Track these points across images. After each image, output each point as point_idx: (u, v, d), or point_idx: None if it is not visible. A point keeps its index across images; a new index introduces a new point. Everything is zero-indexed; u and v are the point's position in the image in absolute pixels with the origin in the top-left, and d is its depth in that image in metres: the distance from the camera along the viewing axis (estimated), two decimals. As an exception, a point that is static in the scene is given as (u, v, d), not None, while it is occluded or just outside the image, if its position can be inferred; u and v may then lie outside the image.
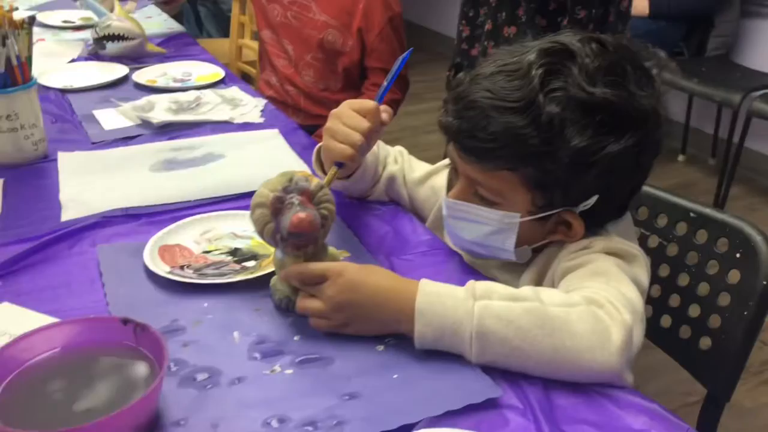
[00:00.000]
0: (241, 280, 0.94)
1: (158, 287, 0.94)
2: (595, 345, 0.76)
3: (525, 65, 0.86)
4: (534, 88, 0.84)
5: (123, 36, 1.80)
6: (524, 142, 0.84)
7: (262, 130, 1.44)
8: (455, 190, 0.95)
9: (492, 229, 0.92)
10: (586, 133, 0.83)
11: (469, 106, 0.87)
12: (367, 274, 0.84)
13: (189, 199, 1.16)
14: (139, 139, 1.41)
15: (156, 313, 0.88)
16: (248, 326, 0.87)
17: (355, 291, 0.82)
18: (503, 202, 0.90)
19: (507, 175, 0.88)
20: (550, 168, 0.85)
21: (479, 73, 0.89)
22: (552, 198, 0.89)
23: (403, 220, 1.11)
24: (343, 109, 1.00)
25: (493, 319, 0.76)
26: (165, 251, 1.01)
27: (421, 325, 0.79)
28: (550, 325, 0.76)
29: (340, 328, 0.84)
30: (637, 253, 0.91)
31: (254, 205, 0.85)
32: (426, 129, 3.64)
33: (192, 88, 1.66)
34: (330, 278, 0.82)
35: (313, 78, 2.03)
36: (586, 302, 0.79)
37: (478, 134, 0.86)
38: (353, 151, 0.97)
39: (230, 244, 1.04)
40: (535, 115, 0.83)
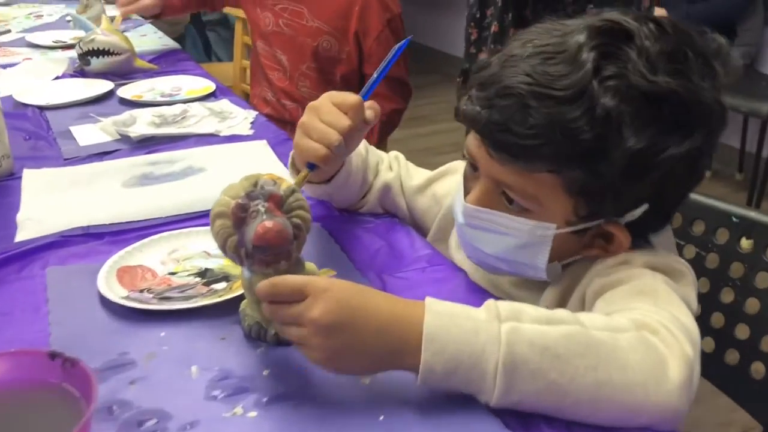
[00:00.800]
0: (207, 305, 0.80)
1: (111, 315, 0.81)
2: (650, 380, 0.60)
3: (573, 46, 0.71)
4: (587, 73, 0.69)
5: (108, 51, 1.69)
6: (574, 139, 0.69)
7: (249, 142, 1.32)
8: (476, 193, 0.79)
9: (520, 242, 0.77)
10: (647, 132, 0.69)
11: (503, 93, 0.72)
12: (359, 291, 0.66)
13: (159, 215, 1.04)
14: (116, 154, 1.29)
15: (103, 345, 0.75)
16: (210, 359, 0.73)
17: (344, 311, 0.63)
18: (537, 210, 0.75)
19: (547, 178, 0.73)
20: (602, 171, 0.70)
21: (513, 54, 0.74)
22: (597, 207, 0.75)
23: (399, 233, 0.97)
24: (321, 103, 0.85)
25: (524, 345, 0.60)
26: (125, 273, 0.88)
27: (430, 355, 0.61)
28: (594, 353, 0.60)
29: (326, 362, 0.65)
30: (684, 269, 0.77)
31: (214, 216, 0.71)
32: (438, 150, 3.52)
33: (179, 101, 1.55)
34: (312, 295, 0.63)
35: (309, 89, 1.89)
36: (636, 327, 0.64)
37: (515, 128, 0.71)
38: (328, 152, 0.82)
39: (200, 265, 0.91)
40: (587, 107, 0.69)
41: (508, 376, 0.60)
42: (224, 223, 0.71)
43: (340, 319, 0.63)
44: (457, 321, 0.62)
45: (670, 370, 0.61)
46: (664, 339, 0.63)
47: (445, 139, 3.66)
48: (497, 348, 0.60)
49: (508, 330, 0.61)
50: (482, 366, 0.61)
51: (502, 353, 0.60)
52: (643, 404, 0.60)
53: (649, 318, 0.65)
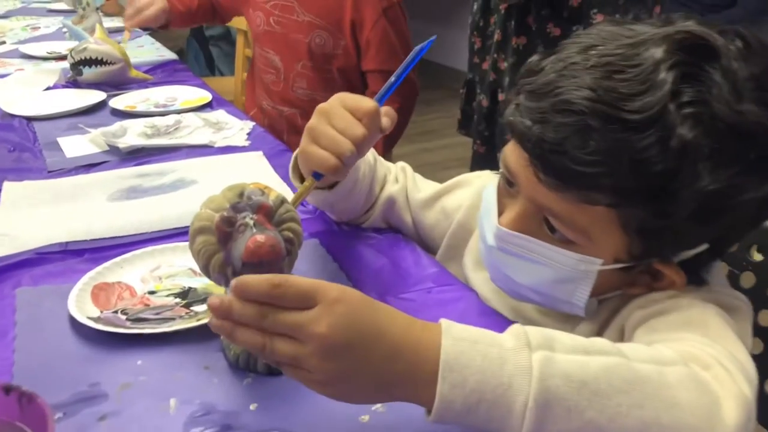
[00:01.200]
0: (186, 329, 0.72)
1: (83, 340, 0.73)
2: (702, 423, 0.51)
3: (648, 62, 0.61)
4: (664, 96, 0.59)
5: (101, 60, 1.62)
6: (641, 172, 0.60)
7: (244, 153, 1.24)
8: (513, 215, 0.70)
9: (560, 275, 0.68)
10: (726, 171, 0.60)
11: (561, 108, 0.62)
12: (371, 305, 0.55)
13: (145, 231, 0.96)
14: (103, 166, 1.22)
15: (72, 375, 0.68)
16: (191, 391, 0.65)
17: (356, 330, 0.52)
18: (584, 244, 0.66)
19: (601, 212, 0.63)
20: (668, 211, 0.61)
21: (573, 61, 0.64)
22: (654, 247, 0.65)
23: (403, 251, 0.89)
24: (333, 106, 0.76)
25: (560, 378, 0.51)
26: (101, 291, 0.80)
27: (449, 387, 0.51)
28: (639, 390, 0.51)
29: (321, 387, 0.54)
30: (741, 304, 0.68)
31: (194, 232, 0.64)
32: (445, 165, 3.45)
33: (173, 112, 1.48)
34: (322, 303, 0.52)
35: (306, 89, 1.76)
36: (684, 360, 0.55)
37: (572, 151, 0.61)
38: (338, 163, 0.74)
39: (184, 283, 0.83)
40: (662, 136, 0.59)
41: (539, 414, 0.50)
42: (207, 239, 0.63)
43: (350, 338, 0.52)
44: (480, 348, 0.52)
45: (724, 412, 0.52)
46: (718, 376, 0.54)
47: (452, 154, 3.59)
48: (527, 381, 0.51)
49: (541, 360, 0.51)
50: (508, 402, 0.51)
51: (533, 388, 0.50)
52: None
53: (699, 351, 0.57)
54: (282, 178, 1.12)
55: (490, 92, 1.54)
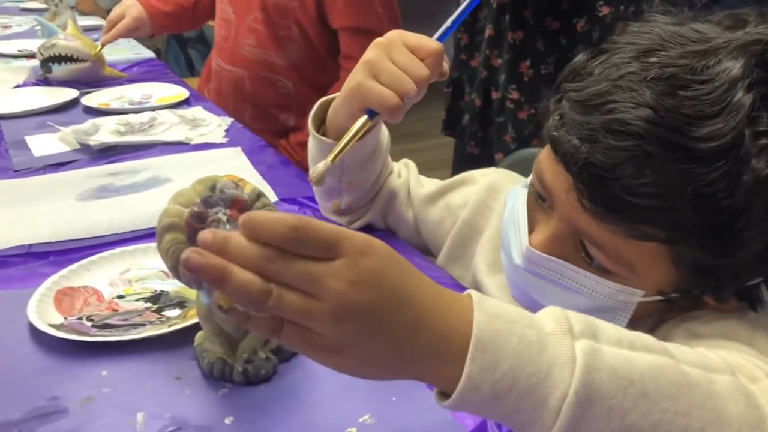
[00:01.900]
0: (156, 336, 0.67)
1: (43, 350, 0.67)
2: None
3: (722, 78, 0.53)
4: (739, 123, 0.51)
5: (71, 57, 1.56)
6: (704, 209, 0.53)
7: (221, 149, 1.18)
8: (545, 236, 0.62)
9: (595, 305, 0.61)
10: None
11: (614, 129, 0.53)
12: (403, 265, 0.45)
13: (115, 231, 0.90)
14: (73, 165, 1.16)
15: (29, 389, 0.62)
16: (160, 403, 0.60)
17: (382, 290, 0.42)
18: (626, 276, 0.59)
19: (651, 247, 0.56)
20: (729, 252, 0.54)
21: (630, 71, 0.55)
22: (707, 285, 0.58)
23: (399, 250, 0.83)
24: (393, 41, 0.68)
25: (605, 373, 0.43)
26: (65, 296, 0.74)
27: (478, 369, 0.42)
28: (687, 396, 0.45)
29: (326, 354, 0.44)
30: None
31: (162, 230, 0.58)
32: (430, 166, 3.39)
33: (148, 109, 1.41)
34: (347, 256, 0.42)
35: (255, 47, 1.54)
36: (731, 369, 0.49)
37: (626, 180, 0.53)
38: (400, 102, 0.67)
39: (155, 287, 0.77)
40: (731, 169, 0.52)
41: (578, 411, 0.43)
42: (176, 237, 0.57)
43: (374, 299, 0.42)
44: (517, 329, 0.44)
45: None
46: (766, 390, 0.49)
47: (437, 155, 3.54)
48: (569, 373, 0.43)
49: (586, 350, 0.44)
50: (543, 393, 0.43)
51: (576, 381, 0.43)
52: None
53: (746, 361, 0.51)
54: (261, 175, 1.07)
55: (482, 91, 1.48)
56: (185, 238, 0.58)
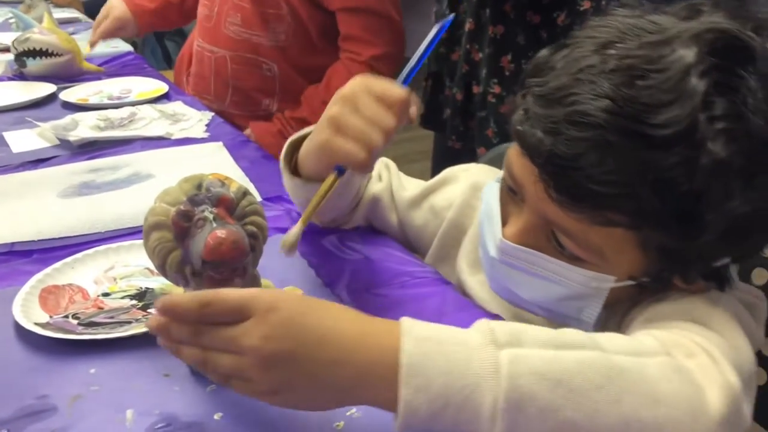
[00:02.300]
0: (148, 334, 0.67)
1: (29, 348, 0.67)
2: (684, 419, 0.48)
3: (677, 67, 0.54)
4: (694, 109, 0.53)
5: (47, 51, 1.54)
6: (665, 194, 0.54)
7: (202, 144, 1.18)
8: (517, 228, 0.64)
9: (568, 293, 0.63)
10: (758, 191, 0.54)
11: (576, 120, 0.55)
12: (314, 308, 0.51)
13: (99, 230, 0.90)
14: (53, 161, 1.15)
15: (18, 387, 0.62)
16: (149, 401, 0.60)
17: (294, 337, 0.49)
18: (597, 263, 0.61)
19: (618, 233, 0.58)
20: (693, 234, 0.56)
21: (589, 63, 0.57)
22: (675, 266, 0.60)
23: (378, 246, 0.85)
24: (358, 92, 0.67)
25: (530, 377, 0.47)
26: (50, 294, 0.75)
27: (413, 392, 0.47)
28: (617, 384, 0.48)
29: (269, 397, 0.51)
30: (758, 301, 0.65)
31: (149, 228, 0.59)
32: (409, 158, 3.40)
33: (128, 104, 1.41)
34: (255, 315, 0.49)
35: (240, 26, 1.47)
36: (667, 349, 0.51)
37: (588, 169, 0.55)
38: (367, 157, 0.65)
39: (140, 284, 0.77)
40: (689, 154, 0.53)
41: (511, 416, 0.47)
42: (163, 236, 0.58)
43: (287, 347, 0.49)
44: (444, 348, 0.48)
45: (708, 402, 0.49)
46: (702, 364, 0.51)
47: (416, 147, 3.54)
48: (496, 382, 0.47)
49: (510, 358, 0.47)
50: (476, 404, 0.47)
51: (503, 388, 0.47)
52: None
53: (684, 338, 0.53)
54: (244, 171, 1.07)
55: (463, 85, 1.48)
56: (172, 236, 0.58)
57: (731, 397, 0.50)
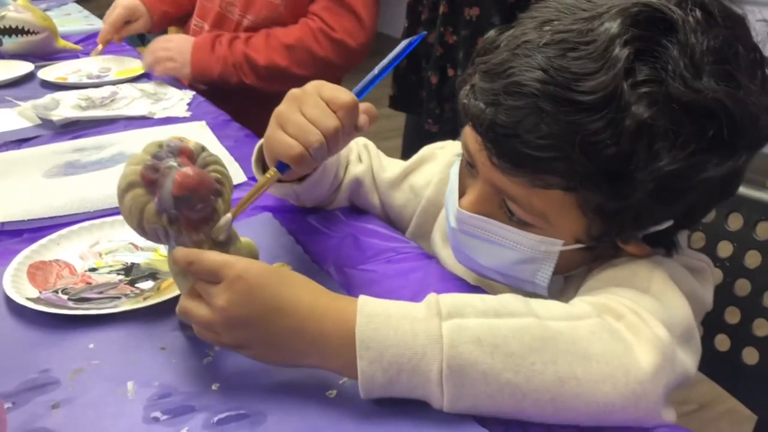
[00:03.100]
0: (142, 309, 0.69)
1: (28, 324, 0.69)
2: (616, 372, 0.53)
3: (602, 38, 0.59)
4: (617, 75, 0.57)
5: (22, 29, 1.54)
6: (595, 155, 0.58)
7: (186, 123, 1.20)
8: (472, 197, 0.69)
9: (521, 257, 0.67)
10: (684, 150, 0.58)
11: (512, 91, 0.60)
12: (280, 278, 0.59)
13: (87, 209, 0.92)
14: (36, 141, 1.16)
15: (20, 362, 0.64)
16: (148, 373, 0.63)
17: (255, 305, 0.57)
18: (543, 226, 0.65)
19: (557, 195, 0.62)
20: (625, 193, 0.60)
21: (527, 39, 0.61)
22: (614, 227, 0.64)
23: (363, 223, 0.87)
24: (307, 93, 0.68)
25: (470, 344, 0.53)
26: (37, 270, 0.77)
27: (367, 363, 0.54)
28: (552, 346, 0.53)
29: (235, 349, 0.60)
30: (703, 265, 0.70)
31: (122, 191, 0.61)
32: (383, 136, 3.40)
33: (108, 83, 1.41)
34: (225, 280, 0.57)
35: (237, 6, 1.51)
36: (598, 312, 0.57)
37: (524, 135, 0.59)
38: (304, 152, 0.66)
39: (126, 259, 0.80)
40: (614, 117, 0.57)
41: (455, 380, 0.53)
42: (136, 192, 0.60)
43: (247, 312, 0.57)
44: (393, 322, 0.54)
45: (638, 357, 0.54)
46: (630, 324, 0.56)
47: (389, 125, 3.53)
48: (439, 350, 0.53)
49: (451, 328, 0.53)
50: (424, 371, 0.53)
51: (445, 355, 0.53)
52: (612, 398, 0.53)
53: (614, 302, 0.58)
54: (228, 150, 1.09)
55: (438, 68, 1.50)
56: (144, 191, 0.60)
57: (660, 349, 0.55)
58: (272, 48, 1.42)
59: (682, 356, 0.58)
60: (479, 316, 0.55)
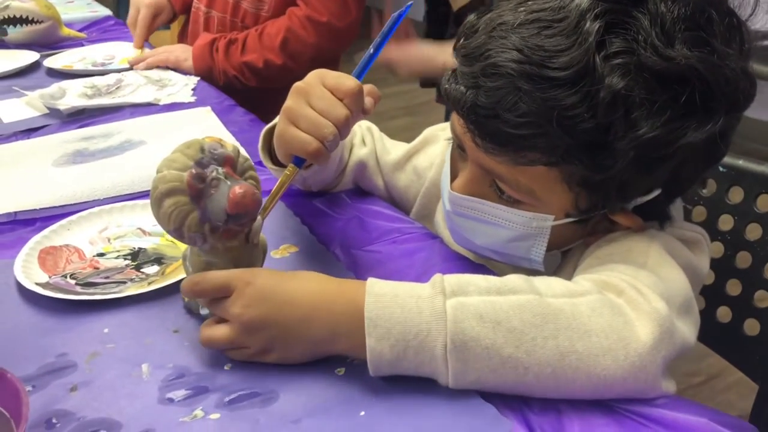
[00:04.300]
0: (154, 292, 0.72)
1: (45, 310, 0.71)
2: (616, 346, 0.55)
3: (574, 13, 0.60)
4: (589, 49, 0.59)
5: (27, 19, 1.55)
6: (573, 129, 0.60)
7: (191, 110, 1.21)
8: (463, 180, 0.71)
9: (514, 234, 0.69)
10: (661, 117, 0.59)
11: (490, 72, 0.61)
12: (285, 276, 0.63)
13: (98, 197, 0.93)
14: (44, 130, 1.17)
15: (38, 347, 0.66)
16: (162, 355, 0.65)
17: (267, 304, 0.60)
18: (532, 203, 0.67)
19: (542, 171, 0.64)
20: (607, 164, 0.61)
21: (502, 21, 0.63)
22: (601, 199, 0.66)
23: (368, 205, 0.89)
24: (311, 85, 0.69)
25: (473, 320, 0.55)
26: (48, 255, 0.79)
27: (375, 340, 0.56)
28: (552, 322, 0.55)
29: (262, 356, 0.62)
30: (698, 236, 0.71)
31: (162, 195, 0.61)
32: (390, 115, 3.43)
33: (113, 71, 1.42)
34: (236, 290, 0.60)
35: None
36: (599, 289, 0.59)
37: (504, 115, 0.61)
38: (320, 146, 0.67)
39: (133, 244, 0.82)
40: (589, 90, 0.59)
41: (459, 355, 0.55)
42: (178, 200, 0.61)
43: (263, 312, 0.60)
44: (399, 301, 0.57)
45: (637, 330, 0.56)
46: (630, 298, 0.58)
47: (396, 103, 3.56)
48: (443, 326, 0.55)
49: (454, 305, 0.56)
50: (430, 347, 0.56)
51: (449, 331, 0.55)
52: (613, 371, 0.55)
53: (615, 279, 0.60)
54: (233, 135, 1.10)
55: None
56: (188, 199, 0.61)
57: (658, 321, 0.56)
58: (267, 48, 1.44)
59: (682, 327, 0.60)
60: (482, 293, 0.57)
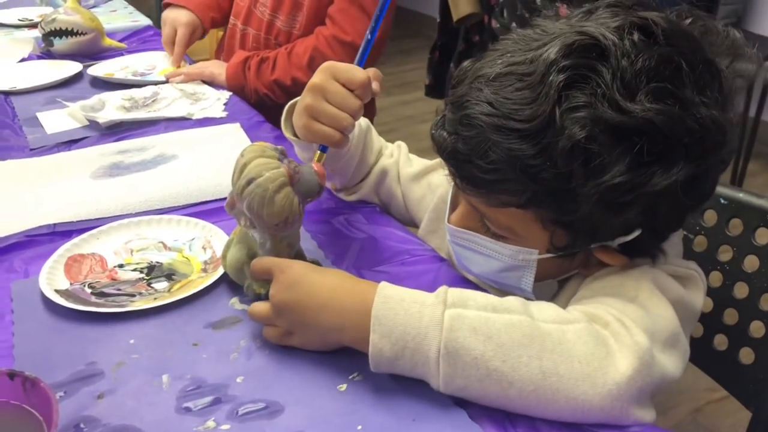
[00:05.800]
0: (177, 305, 0.77)
1: (77, 321, 0.77)
2: (596, 373, 0.59)
3: (541, 66, 0.64)
4: (550, 102, 0.63)
5: (72, 31, 1.63)
6: (536, 176, 0.64)
7: (221, 125, 1.27)
8: (458, 214, 0.77)
9: (504, 265, 0.74)
10: (621, 165, 0.62)
11: (465, 123, 0.67)
12: (314, 270, 0.71)
13: (131, 210, 1.00)
14: (84, 142, 1.25)
15: (70, 355, 0.72)
16: (181, 367, 0.70)
17: (295, 289, 0.69)
18: (514, 239, 0.72)
19: (517, 213, 0.69)
20: (571, 208, 0.65)
21: (482, 73, 0.68)
22: (576, 239, 0.70)
23: (380, 225, 0.94)
24: (325, 82, 0.79)
25: (466, 331, 0.60)
26: (75, 262, 0.86)
27: (378, 336, 0.63)
28: (539, 344, 0.60)
29: (286, 338, 0.71)
30: (693, 273, 0.74)
31: (274, 192, 0.71)
32: (422, 118, 3.46)
33: (150, 82, 1.49)
34: (275, 274, 0.71)
35: (268, 7, 1.57)
36: (587, 319, 0.63)
37: (476, 161, 0.66)
38: (342, 136, 0.80)
39: (152, 258, 0.88)
40: (550, 141, 0.63)
41: (450, 361, 0.60)
42: (287, 191, 0.73)
43: (287, 298, 0.69)
44: (405, 305, 0.63)
45: (617, 361, 0.60)
46: (615, 331, 0.62)
47: (430, 107, 3.57)
48: (439, 332, 0.61)
49: (452, 315, 0.61)
50: (425, 350, 0.61)
51: (444, 338, 0.60)
52: (590, 396, 0.59)
53: (602, 312, 0.64)
54: (260, 151, 1.16)
55: (456, 63, 1.54)
56: (291, 189, 0.73)
57: (638, 354, 0.60)
58: (295, 66, 1.49)
59: (663, 361, 0.63)
60: (479, 309, 0.62)
